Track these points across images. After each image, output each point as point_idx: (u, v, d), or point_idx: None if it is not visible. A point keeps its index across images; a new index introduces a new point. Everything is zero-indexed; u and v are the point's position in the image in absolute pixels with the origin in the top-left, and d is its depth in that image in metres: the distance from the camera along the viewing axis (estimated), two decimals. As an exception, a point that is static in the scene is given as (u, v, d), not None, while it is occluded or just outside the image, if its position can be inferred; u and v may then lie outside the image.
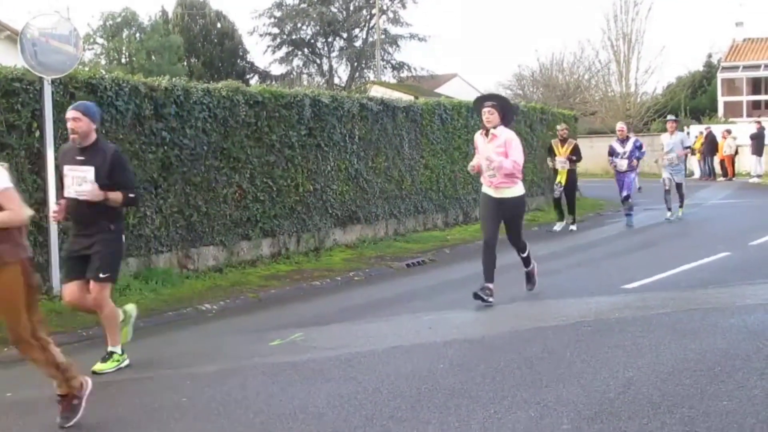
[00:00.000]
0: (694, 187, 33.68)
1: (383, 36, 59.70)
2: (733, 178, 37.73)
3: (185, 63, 52.99)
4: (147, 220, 12.80)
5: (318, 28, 61.31)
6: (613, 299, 11.07)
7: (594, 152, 36.49)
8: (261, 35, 61.67)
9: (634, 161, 20.31)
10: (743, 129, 40.03)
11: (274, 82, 53.98)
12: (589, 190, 29.79)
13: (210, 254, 14.01)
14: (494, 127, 10.93)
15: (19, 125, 11.11)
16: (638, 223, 20.78)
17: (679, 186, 20.89)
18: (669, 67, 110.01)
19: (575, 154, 19.87)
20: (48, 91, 11.24)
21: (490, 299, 10.89)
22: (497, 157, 10.76)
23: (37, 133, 11.24)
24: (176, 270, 13.27)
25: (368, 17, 61.77)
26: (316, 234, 16.19)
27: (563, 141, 20.00)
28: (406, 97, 24.11)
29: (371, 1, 59.27)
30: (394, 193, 18.54)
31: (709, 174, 38.91)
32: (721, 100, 48.42)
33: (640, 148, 20.60)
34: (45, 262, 11.35)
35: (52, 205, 11.16)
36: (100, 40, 49.77)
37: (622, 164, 20.25)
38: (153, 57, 48.25)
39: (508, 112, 11.19)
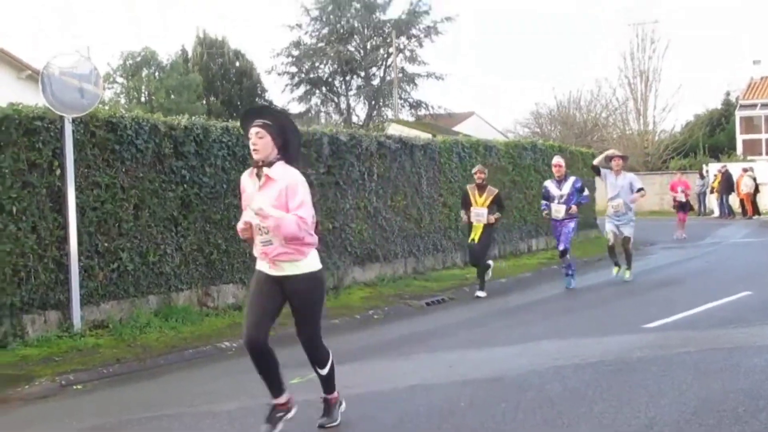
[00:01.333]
0: (714, 225, 33.66)
1: (400, 74, 59.94)
2: (754, 217, 37.57)
3: (204, 101, 53.35)
4: (167, 258, 12.85)
5: (336, 66, 61.62)
6: (633, 338, 11.01)
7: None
8: (279, 74, 62.02)
9: (573, 208, 16.56)
10: (763, 167, 39.94)
11: (292, 121, 54.14)
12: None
13: (230, 292, 14.03)
14: (268, 164, 7.02)
15: (41, 164, 11.20)
16: (657, 261, 20.72)
17: (626, 241, 17.18)
18: (687, 104, 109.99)
19: (498, 205, 16.17)
20: (69, 129, 11.33)
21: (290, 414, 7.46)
22: (274, 211, 6.90)
23: (58, 172, 11.33)
24: (196, 307, 13.29)
25: (385, 56, 62.05)
26: (335, 272, 16.19)
27: (481, 188, 16.08)
28: (423, 135, 24.18)
29: (388, 40, 59.58)
30: (413, 232, 18.55)
31: (729, 213, 38.78)
32: (740, 138, 48.38)
33: (581, 190, 16.80)
34: (66, 300, 11.40)
35: (73, 243, 11.27)
36: (120, 79, 50.25)
37: (559, 211, 16.56)
38: (172, 95, 48.64)
39: (291, 138, 7.23)
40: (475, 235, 16.01)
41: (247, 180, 7.24)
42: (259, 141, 6.93)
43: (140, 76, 49.89)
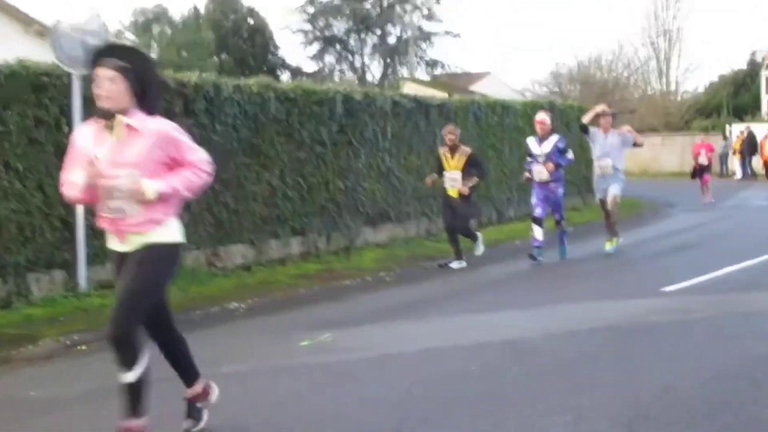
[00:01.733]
0: (736, 187, 33.44)
1: (417, 32, 59.61)
2: (777, 179, 37.31)
3: (216, 59, 53.20)
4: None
5: (351, 24, 61.39)
6: (651, 302, 10.95)
7: (633, 151, 36.19)
8: (293, 31, 61.95)
9: (548, 165, 14.82)
10: (787, 128, 39.63)
11: (305, 79, 53.98)
12: (628, 190, 29.46)
13: (238, 252, 14.02)
14: (124, 112, 5.76)
15: (48, 121, 11.17)
16: (677, 224, 20.62)
17: (611, 200, 15.86)
18: (711, 65, 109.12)
19: (474, 167, 14.85)
20: (77, 86, 11.27)
21: None
22: (172, 182, 5.81)
23: (66, 129, 11.28)
24: (204, 268, 13.29)
25: (402, 13, 61.71)
26: (346, 233, 16.17)
27: (453, 149, 14.90)
28: (439, 95, 24.05)
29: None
30: (426, 192, 18.46)
31: (751, 174, 38.50)
32: (765, 98, 48.02)
33: (563, 151, 15.09)
34: (72, 259, 11.40)
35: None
36: (130, 36, 50.13)
37: (541, 172, 14.90)
38: (184, 53, 48.54)
39: (152, 87, 6.04)
40: (450, 200, 14.91)
41: (88, 135, 5.86)
42: (112, 87, 5.65)
43: (151, 33, 49.83)
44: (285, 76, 57.38)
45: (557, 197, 15.23)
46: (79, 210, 11.28)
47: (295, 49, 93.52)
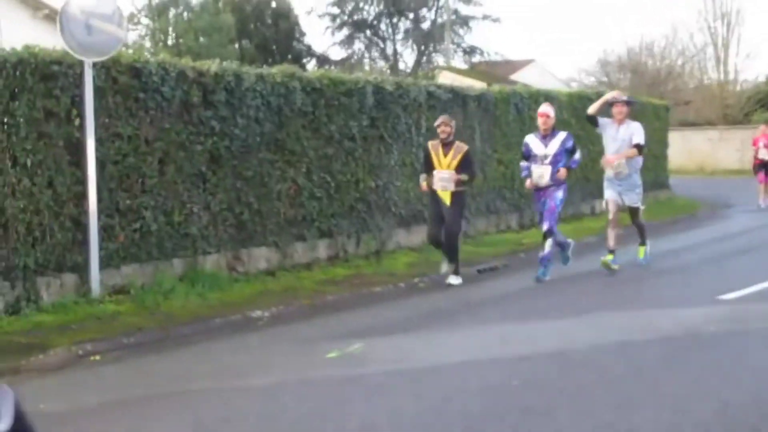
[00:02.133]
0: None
1: (453, 16, 59.55)
2: None
3: (237, 45, 53.27)
4: (194, 218, 12.91)
5: (382, 7, 61.31)
6: (707, 311, 10.92)
7: (688, 146, 36.19)
8: (320, 15, 61.89)
9: (561, 171, 13.72)
10: None
11: (333, 67, 54.07)
12: (682, 188, 29.47)
13: (261, 256, 14.09)
14: None
15: (58, 112, 11.25)
16: (734, 227, 20.51)
17: (634, 213, 14.85)
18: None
19: (466, 167, 13.80)
20: (89, 75, 11.35)
21: None
22: None
23: (77, 122, 11.37)
24: (225, 272, 13.36)
25: (437, -5, 61.64)
26: (377, 235, 16.19)
27: (446, 145, 13.85)
28: (478, 85, 24.04)
29: (440, -22, 59.20)
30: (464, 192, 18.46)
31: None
32: (833, 89, 47.62)
33: (571, 151, 14.00)
34: (84, 262, 11.49)
35: (92, 200, 11.35)
36: (145, 20, 50.30)
37: (542, 175, 13.78)
38: (202, 38, 48.62)
39: None
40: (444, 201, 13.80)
41: None
42: None
43: (167, 17, 49.88)
44: (311, 65, 57.41)
45: (553, 201, 13.77)
46: (92, 209, 11.37)
47: (321, 35, 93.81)
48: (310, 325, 11.18)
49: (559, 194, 13.77)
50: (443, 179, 13.58)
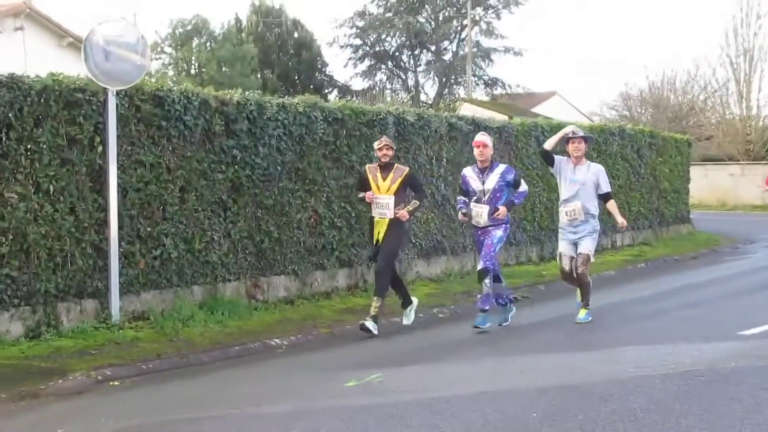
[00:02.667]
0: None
1: (475, 49, 59.72)
2: None
3: (259, 75, 53.59)
4: (214, 246, 12.95)
5: (404, 39, 61.67)
6: (729, 346, 10.86)
7: (709, 182, 36.11)
8: (341, 46, 62.37)
9: (501, 210, 12.32)
10: None
11: (355, 98, 54.29)
12: (704, 223, 29.39)
13: (281, 284, 14.11)
14: None
15: (81, 139, 11.33)
16: (758, 262, 20.39)
17: (583, 260, 12.77)
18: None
19: (414, 191, 12.77)
20: (112, 103, 11.45)
21: None
22: None
23: (100, 149, 11.45)
24: (244, 300, 13.38)
25: (459, 28, 61.90)
26: (397, 266, 16.18)
27: (385, 168, 12.55)
28: (499, 117, 24.09)
29: (462, 11, 59.36)
30: (484, 222, 18.45)
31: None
32: None
33: (514, 185, 12.63)
34: (104, 288, 11.53)
35: (114, 227, 11.40)
36: (168, 49, 50.71)
37: (480, 214, 12.43)
38: (224, 68, 48.95)
39: None
40: (378, 234, 12.55)
41: None
42: None
43: (190, 46, 50.27)
44: (333, 95, 57.71)
45: (491, 240, 12.33)
46: (113, 236, 11.43)
47: (343, 66, 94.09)
48: (328, 354, 11.18)
49: (498, 233, 12.37)
50: (380, 205, 12.35)
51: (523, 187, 12.90)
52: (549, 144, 13.23)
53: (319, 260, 14.68)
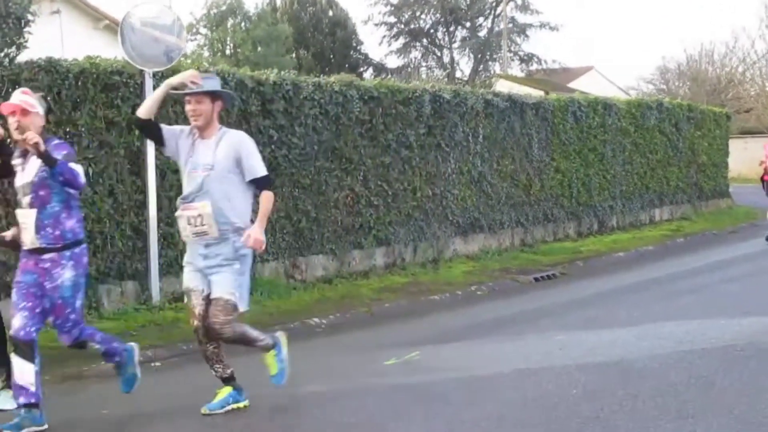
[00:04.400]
0: None
1: (510, 25, 59.38)
2: None
3: (294, 54, 53.53)
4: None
5: (438, 16, 61.35)
6: (768, 320, 10.80)
7: (748, 154, 35.68)
8: (376, 24, 62.04)
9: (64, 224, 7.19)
10: None
11: (390, 76, 54.13)
12: (743, 196, 29.16)
13: (319, 263, 14.15)
14: None
15: (119, 122, 11.40)
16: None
17: (220, 311, 7.43)
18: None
19: None
20: (149, 84, 11.50)
21: None
22: None
23: (138, 131, 11.49)
24: (283, 280, 13.44)
25: (494, 4, 61.52)
26: (434, 243, 16.20)
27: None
28: (535, 93, 23.95)
29: (497, -14, 59.06)
30: (521, 199, 18.43)
31: None
32: None
33: (61, 173, 6.89)
34: (144, 270, 11.61)
35: (152, 208, 11.47)
36: (203, 30, 50.70)
37: (24, 225, 7.13)
38: (259, 48, 48.89)
39: None
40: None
41: None
42: None
43: (225, 26, 50.24)
44: (368, 74, 57.56)
45: (57, 293, 7.17)
46: (152, 217, 11.50)
47: (378, 44, 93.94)
48: (367, 333, 11.21)
49: (66, 276, 7.20)
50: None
51: (78, 176, 7.07)
52: (143, 108, 7.99)
53: (357, 239, 14.71)
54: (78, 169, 7.08)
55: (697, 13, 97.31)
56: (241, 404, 7.66)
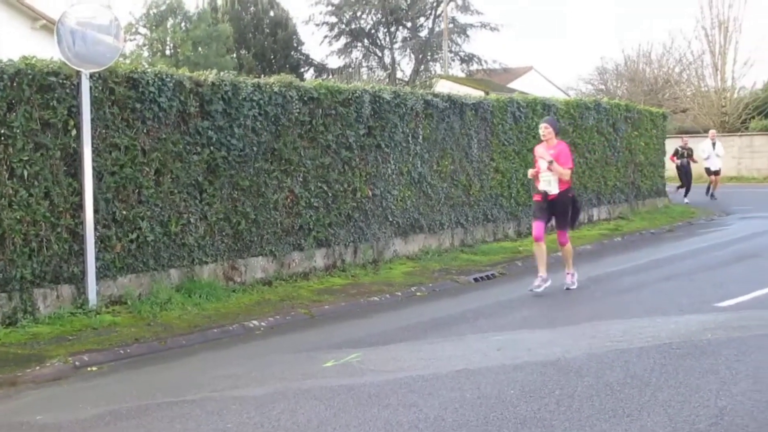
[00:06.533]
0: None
1: (451, 25, 59.59)
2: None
3: (234, 55, 53.36)
4: (190, 228, 12.91)
5: (379, 16, 61.43)
6: (705, 318, 10.91)
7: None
8: (317, 25, 61.99)
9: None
10: None
11: (330, 76, 54.10)
12: (680, 197, 29.53)
13: (258, 265, 14.09)
14: None
15: (55, 123, 11.26)
16: (733, 233, 20.51)
17: None
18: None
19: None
20: (86, 86, 11.38)
21: None
22: None
23: (74, 132, 11.38)
24: (222, 283, 13.35)
25: (434, 4, 61.72)
26: (374, 244, 16.19)
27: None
28: (475, 93, 24.05)
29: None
30: (461, 200, 18.48)
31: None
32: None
33: None
34: (80, 273, 11.48)
35: (89, 211, 11.34)
36: (142, 30, 50.30)
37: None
38: (199, 48, 48.63)
39: None
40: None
41: None
42: None
43: (165, 26, 49.87)
44: (309, 74, 57.53)
45: None
46: (89, 220, 11.37)
47: (319, 44, 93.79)
48: (307, 334, 11.17)
49: None
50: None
51: None
52: None
53: (297, 241, 14.66)
54: None
55: (635, 15, 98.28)
56: None
